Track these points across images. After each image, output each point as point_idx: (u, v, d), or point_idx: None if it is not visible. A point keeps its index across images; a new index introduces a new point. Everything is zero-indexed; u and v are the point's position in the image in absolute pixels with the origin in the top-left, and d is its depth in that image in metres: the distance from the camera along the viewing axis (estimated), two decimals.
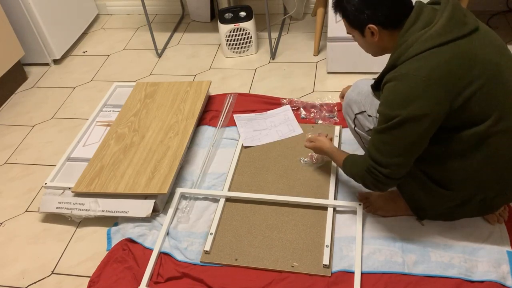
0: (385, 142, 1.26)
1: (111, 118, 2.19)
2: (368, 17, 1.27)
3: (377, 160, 1.28)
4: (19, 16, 2.55)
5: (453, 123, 1.23)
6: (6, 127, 2.35)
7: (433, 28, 1.19)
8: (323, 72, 2.45)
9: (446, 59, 1.17)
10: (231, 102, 2.24)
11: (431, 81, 1.16)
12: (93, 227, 1.76)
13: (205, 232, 1.66)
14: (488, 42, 1.23)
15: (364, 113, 1.45)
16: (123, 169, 1.82)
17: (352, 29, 1.35)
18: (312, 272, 1.49)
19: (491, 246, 1.48)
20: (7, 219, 1.86)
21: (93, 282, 1.55)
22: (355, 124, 1.52)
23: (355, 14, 1.29)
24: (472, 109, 1.20)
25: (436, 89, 1.16)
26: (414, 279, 1.43)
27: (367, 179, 1.34)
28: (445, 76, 1.16)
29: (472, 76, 1.18)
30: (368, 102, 1.43)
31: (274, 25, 2.87)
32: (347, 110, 1.54)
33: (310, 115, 2.11)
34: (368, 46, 1.37)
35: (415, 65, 1.18)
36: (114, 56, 2.82)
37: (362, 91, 1.47)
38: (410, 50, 1.20)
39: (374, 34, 1.29)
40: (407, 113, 1.18)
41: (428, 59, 1.17)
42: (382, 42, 1.31)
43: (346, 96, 1.54)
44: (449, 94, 1.17)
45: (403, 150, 1.25)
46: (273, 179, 1.82)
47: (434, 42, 1.18)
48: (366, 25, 1.28)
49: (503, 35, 2.49)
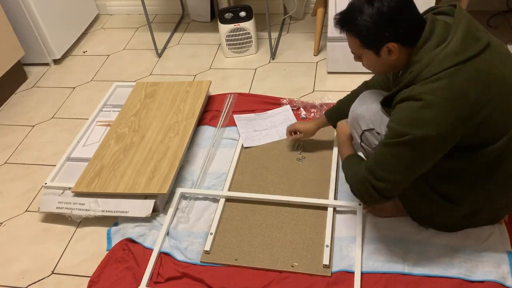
0: (388, 157, 1.22)
1: (111, 118, 2.19)
2: (389, 35, 1.19)
3: (374, 172, 1.24)
4: (19, 16, 2.55)
5: (468, 142, 1.21)
6: (6, 127, 2.35)
7: (449, 46, 1.14)
8: (323, 72, 2.44)
9: (463, 80, 1.13)
10: (231, 102, 2.24)
11: (448, 103, 1.12)
12: (93, 227, 1.76)
13: (205, 232, 1.66)
14: (500, 57, 1.21)
15: (373, 130, 1.39)
16: (123, 169, 1.82)
17: (363, 49, 1.25)
18: (312, 272, 1.49)
19: (491, 246, 1.48)
20: (7, 219, 1.86)
21: (93, 282, 1.55)
22: (361, 139, 1.45)
23: (373, 33, 1.19)
24: (488, 129, 1.18)
25: (452, 112, 1.13)
26: (414, 279, 1.43)
27: (358, 190, 1.32)
28: (462, 98, 1.13)
29: (487, 97, 1.15)
30: (378, 119, 1.37)
31: (274, 25, 2.87)
32: (353, 125, 1.47)
33: (310, 115, 2.11)
34: (379, 66, 1.29)
35: (432, 86, 1.13)
36: (114, 56, 2.82)
37: (371, 107, 1.39)
38: (427, 70, 1.15)
39: (391, 52, 1.22)
40: (420, 133, 1.14)
41: (444, 81, 1.13)
42: (398, 60, 1.24)
43: (353, 110, 1.46)
44: (465, 116, 1.14)
45: (403, 169, 1.21)
46: (273, 179, 1.82)
47: (452, 61, 1.13)
48: (385, 44, 1.20)
49: (503, 35, 2.50)
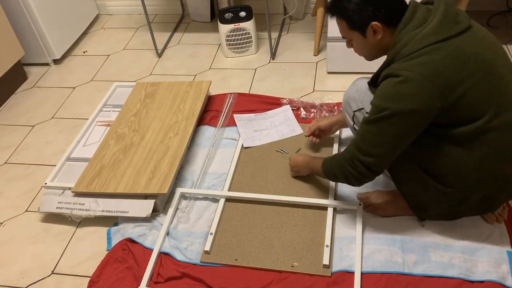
0: (372, 132, 1.28)
1: (111, 118, 2.19)
2: (371, 14, 1.28)
3: (361, 149, 1.31)
4: (19, 16, 2.55)
5: (449, 120, 1.26)
6: (6, 127, 2.35)
7: (427, 27, 1.22)
8: (323, 72, 2.45)
9: (439, 57, 1.20)
10: (231, 102, 2.24)
11: (424, 78, 1.18)
12: (93, 227, 1.76)
13: (205, 232, 1.66)
14: (480, 40, 1.26)
15: (362, 110, 1.47)
16: (123, 169, 1.82)
17: (351, 31, 1.34)
18: (312, 272, 1.49)
19: (491, 246, 1.48)
20: (7, 219, 1.86)
21: (93, 282, 1.55)
22: (353, 121, 1.53)
23: (358, 13, 1.29)
24: (467, 106, 1.23)
25: (428, 87, 1.19)
26: (414, 279, 1.43)
27: (348, 171, 1.37)
28: (438, 74, 1.19)
29: (464, 74, 1.21)
30: (366, 99, 1.44)
31: (274, 25, 2.87)
32: (346, 108, 1.56)
33: (310, 115, 2.11)
34: (367, 48, 1.37)
35: (410, 63, 1.21)
36: (114, 56, 2.82)
37: (361, 88, 1.48)
38: (405, 49, 1.22)
39: (376, 32, 1.30)
40: (397, 107, 1.21)
41: (422, 58, 1.20)
42: (383, 41, 1.32)
43: (345, 94, 1.56)
44: (441, 92, 1.20)
45: (387, 143, 1.28)
46: (273, 179, 1.82)
47: (428, 41, 1.21)
48: (369, 23, 1.29)
49: (503, 35, 2.49)
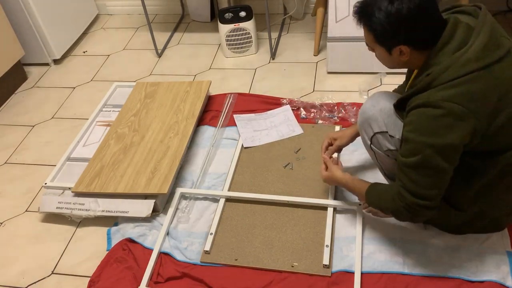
0: (422, 175, 1.19)
1: (111, 118, 2.19)
2: (403, 38, 1.17)
3: (416, 193, 1.21)
4: (19, 16, 2.55)
5: (483, 148, 1.21)
6: (6, 127, 2.35)
7: (469, 51, 1.12)
8: (323, 72, 2.44)
9: (481, 87, 1.12)
10: (231, 102, 2.24)
11: (467, 110, 1.11)
12: (93, 227, 1.76)
13: (205, 232, 1.66)
14: None
15: (386, 133, 1.38)
16: (123, 169, 1.82)
17: (377, 44, 1.24)
18: (312, 272, 1.49)
19: (491, 246, 1.48)
20: (7, 219, 1.86)
21: (93, 282, 1.55)
22: (371, 141, 1.44)
23: (387, 33, 1.18)
24: (503, 136, 1.19)
25: (471, 119, 1.12)
26: (414, 279, 1.43)
27: (404, 214, 1.26)
28: (480, 105, 1.12)
29: (505, 103, 1.16)
30: (391, 122, 1.35)
31: (274, 25, 2.87)
32: (364, 126, 1.44)
33: (310, 115, 2.11)
34: (390, 62, 1.28)
35: (450, 92, 1.12)
36: (114, 56, 2.82)
37: (385, 109, 1.37)
38: (445, 74, 1.13)
39: (402, 54, 1.21)
40: (442, 142, 1.14)
41: (463, 87, 1.11)
42: (410, 61, 1.23)
43: (364, 111, 1.43)
44: (483, 123, 1.14)
45: (438, 180, 1.20)
46: (273, 179, 1.82)
47: (471, 67, 1.11)
48: (397, 46, 1.19)
49: None
